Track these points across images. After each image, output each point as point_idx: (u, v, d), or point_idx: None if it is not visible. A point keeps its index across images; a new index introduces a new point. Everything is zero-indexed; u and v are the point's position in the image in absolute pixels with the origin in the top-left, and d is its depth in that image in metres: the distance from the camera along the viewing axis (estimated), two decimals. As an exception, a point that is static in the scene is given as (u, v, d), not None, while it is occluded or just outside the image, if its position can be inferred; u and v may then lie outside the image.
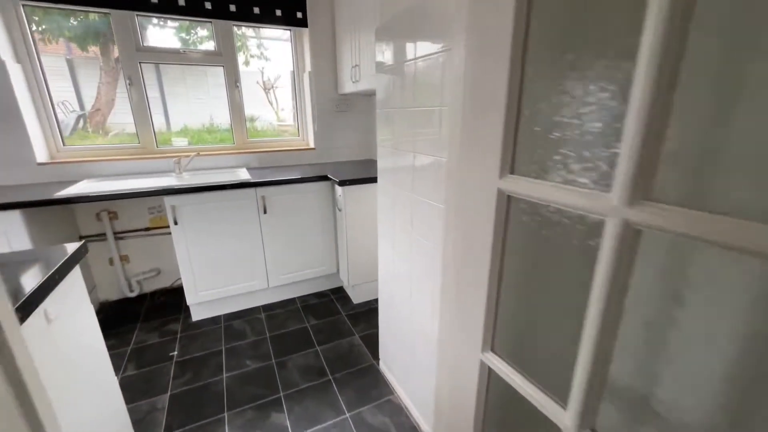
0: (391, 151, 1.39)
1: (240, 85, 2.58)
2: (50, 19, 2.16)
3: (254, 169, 2.53)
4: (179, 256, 2.04)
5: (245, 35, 2.76)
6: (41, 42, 2.13)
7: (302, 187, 2.26)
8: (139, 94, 2.32)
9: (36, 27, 2.11)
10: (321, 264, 2.47)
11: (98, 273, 2.39)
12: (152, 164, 2.34)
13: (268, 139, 2.81)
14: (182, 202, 1.97)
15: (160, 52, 2.33)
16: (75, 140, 2.35)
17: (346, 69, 2.49)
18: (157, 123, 2.45)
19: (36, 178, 2.07)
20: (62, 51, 2.29)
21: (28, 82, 2.06)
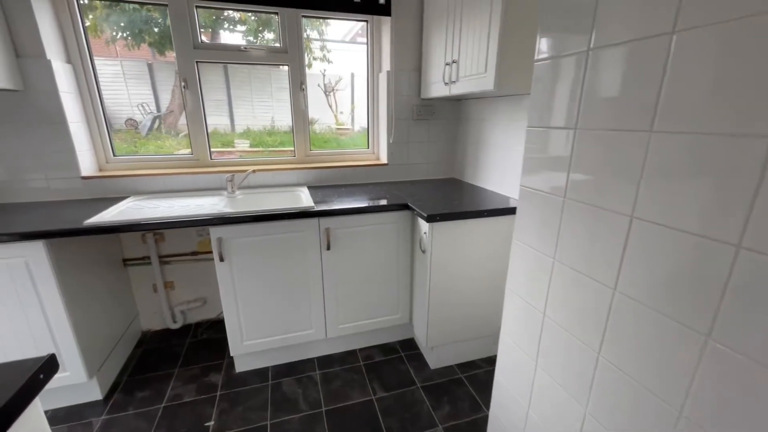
0: (554, 201, 0.82)
1: (305, 88, 2.17)
2: (132, 25, 1.93)
3: (316, 188, 2.09)
4: (224, 299, 1.65)
5: (309, 38, 2.37)
6: (125, 47, 1.97)
7: (375, 217, 1.76)
8: (195, 99, 2.00)
9: (122, 33, 1.96)
10: (391, 312, 1.96)
11: (141, 300, 2.11)
12: (204, 179, 2.00)
13: (333, 151, 2.37)
14: (230, 234, 1.57)
15: (219, 50, 1.99)
16: (150, 140, 2.16)
17: (435, 67, 1.95)
18: (222, 124, 2.19)
19: (79, 193, 1.82)
20: (146, 56, 2.06)
21: (78, 86, 1.81)
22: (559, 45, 0.81)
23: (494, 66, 1.46)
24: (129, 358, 1.94)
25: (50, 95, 1.65)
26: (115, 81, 2.03)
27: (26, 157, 1.71)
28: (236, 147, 2.32)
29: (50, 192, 1.78)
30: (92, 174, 1.83)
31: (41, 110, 1.66)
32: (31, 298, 1.39)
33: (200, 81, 2.01)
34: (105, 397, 1.67)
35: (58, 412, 1.59)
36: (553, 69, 0.83)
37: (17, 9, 1.55)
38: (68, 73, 1.75)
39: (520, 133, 1.78)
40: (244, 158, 2.21)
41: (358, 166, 2.26)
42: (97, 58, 1.88)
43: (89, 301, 1.62)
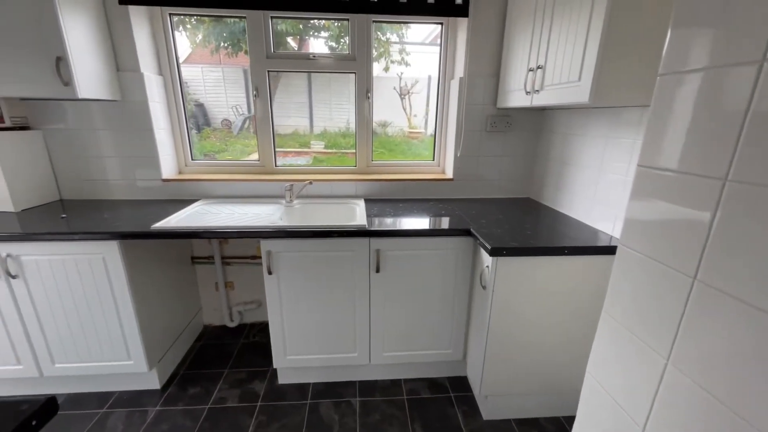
0: (676, 280, 0.57)
1: (371, 97, 2.07)
2: (233, 35, 2.08)
3: (374, 202, 1.98)
4: (270, 312, 1.63)
5: (389, 41, 2.26)
6: (226, 56, 2.12)
7: (432, 242, 1.58)
8: (264, 107, 2.04)
9: (223, 42, 2.10)
10: (442, 346, 1.76)
11: (204, 296, 2.23)
12: (266, 187, 2.03)
13: (395, 162, 2.24)
14: (280, 247, 1.54)
15: (290, 59, 2.00)
16: (239, 139, 2.30)
17: (516, 74, 1.70)
18: (302, 126, 2.26)
19: (159, 193, 1.98)
20: (243, 62, 2.20)
21: (166, 96, 1.96)
22: (709, 51, 0.55)
23: (591, 74, 1.18)
24: (189, 351, 2.06)
25: (141, 105, 1.81)
26: (217, 86, 2.26)
27: (120, 160, 1.90)
28: (312, 147, 2.36)
29: (137, 191, 1.96)
30: (171, 177, 1.98)
31: (133, 118, 1.83)
32: (105, 289, 1.52)
33: (271, 89, 2.05)
34: (162, 387, 1.78)
35: (122, 395, 1.73)
36: (692, 85, 0.57)
37: (121, 29, 1.72)
38: (159, 84, 1.90)
39: (618, 153, 1.44)
40: (309, 166, 2.20)
41: (420, 180, 2.10)
42: (202, 66, 2.05)
43: (156, 295, 1.74)
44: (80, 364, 1.62)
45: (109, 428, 1.55)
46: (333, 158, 2.42)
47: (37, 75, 1.47)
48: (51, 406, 0.57)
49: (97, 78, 1.63)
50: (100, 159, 1.89)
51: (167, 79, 1.95)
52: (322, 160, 2.44)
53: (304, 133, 2.37)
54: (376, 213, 1.79)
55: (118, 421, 1.59)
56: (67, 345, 1.59)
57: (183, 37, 2.05)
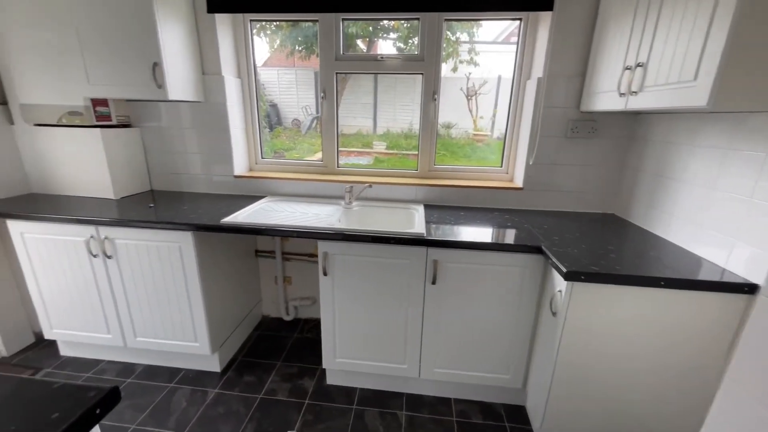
0: None
1: (438, 98, 1.99)
2: (308, 39, 2.19)
3: (434, 208, 1.89)
4: (323, 313, 1.64)
5: (458, 41, 2.16)
6: (300, 59, 2.23)
7: (495, 257, 1.45)
8: (330, 109, 2.07)
9: (297, 46, 2.21)
10: (500, 370, 1.61)
11: (265, 287, 2.34)
12: (328, 187, 2.06)
13: (459, 167, 2.12)
14: (336, 249, 1.53)
15: (358, 60, 2.00)
16: (306, 139, 2.41)
17: (608, 72, 1.49)
18: (365, 126, 2.30)
19: (231, 188, 2.11)
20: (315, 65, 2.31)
21: (243, 98, 2.09)
22: None
23: (713, 72, 0.97)
24: (247, 339, 2.17)
25: (220, 106, 1.94)
26: (290, 87, 2.41)
27: (200, 156, 2.06)
28: (374, 148, 2.36)
29: (212, 185, 2.11)
30: (242, 174, 2.10)
31: (213, 118, 1.97)
32: (180, 276, 1.65)
33: (337, 91, 2.07)
34: (222, 370, 1.89)
35: (188, 373, 1.87)
36: None
37: (207, 36, 1.86)
38: (237, 87, 2.03)
39: (740, 168, 1.17)
40: (370, 168, 2.19)
41: (485, 188, 1.96)
42: (278, 69, 2.17)
43: (222, 284, 1.85)
44: (156, 340, 1.79)
45: (174, 402, 1.69)
46: (393, 159, 2.39)
47: (137, 79, 1.64)
48: (114, 396, 0.60)
49: (185, 81, 1.78)
50: (184, 155, 2.07)
51: (244, 81, 2.07)
52: (383, 161, 2.42)
53: (367, 134, 2.39)
54: (436, 220, 1.70)
55: (183, 397, 1.72)
56: (147, 322, 1.76)
57: (263, 43, 2.17)
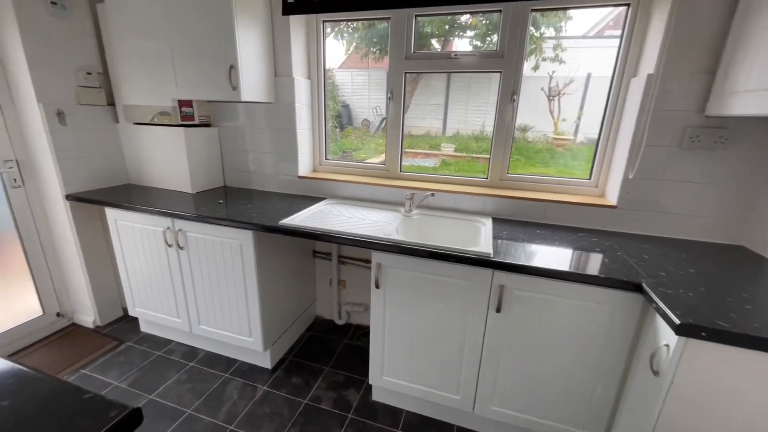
0: None
1: (517, 99, 1.76)
2: (382, 40, 2.16)
3: (504, 223, 1.68)
4: (373, 327, 1.54)
5: (542, 36, 1.91)
6: (374, 60, 2.22)
7: (577, 290, 1.20)
8: (396, 110, 1.97)
9: (372, 48, 2.20)
10: (574, 422, 1.35)
11: (320, 288, 2.34)
12: (388, 193, 1.96)
13: (537, 177, 1.87)
14: (391, 262, 1.42)
15: (429, 59, 1.87)
16: (374, 139, 2.38)
17: (756, 64, 1.14)
18: (435, 127, 2.19)
19: (295, 188, 2.13)
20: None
21: (311, 98, 2.09)
22: None
23: None
24: (299, 338, 2.18)
25: (289, 107, 1.97)
26: (362, 88, 2.43)
27: (268, 155, 2.12)
28: (442, 150, 2.23)
29: (278, 184, 2.16)
30: (306, 174, 2.11)
31: (282, 118, 2.01)
32: (239, 272, 1.70)
33: (405, 92, 1.97)
34: (272, 368, 1.92)
35: (242, 365, 1.93)
36: None
37: (281, 38, 1.89)
38: (306, 88, 2.04)
39: None
40: (434, 174, 2.05)
41: (568, 203, 1.68)
42: (352, 70, 2.16)
43: (278, 283, 1.87)
44: (216, 330, 1.87)
45: (227, 393, 1.74)
46: (462, 162, 2.21)
47: (216, 81, 1.72)
48: (136, 417, 0.56)
49: (258, 83, 1.83)
50: (254, 153, 2.14)
51: (314, 83, 2.07)
52: (450, 164, 2.26)
53: (436, 135, 2.26)
54: (506, 238, 1.49)
55: (234, 389, 1.76)
56: (209, 312, 1.85)
57: (339, 45, 2.17)
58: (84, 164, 1.97)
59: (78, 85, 1.90)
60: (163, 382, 1.79)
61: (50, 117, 1.79)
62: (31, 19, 1.67)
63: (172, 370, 1.87)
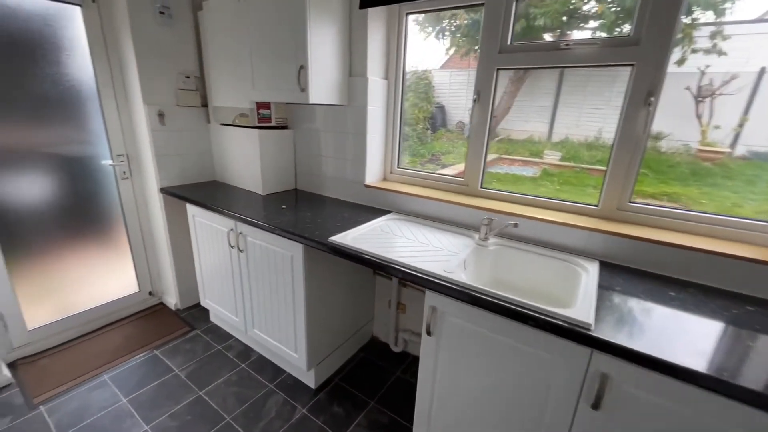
0: None
1: (654, 102, 1.27)
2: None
3: (618, 273, 1.22)
4: (421, 377, 1.27)
5: (693, 23, 1.36)
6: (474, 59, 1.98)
7: (735, 411, 0.73)
8: (483, 115, 1.65)
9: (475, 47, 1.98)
10: None
11: (378, 308, 2.14)
12: (463, 213, 1.65)
13: (678, 211, 1.33)
14: (448, 307, 1.13)
15: (530, 51, 1.49)
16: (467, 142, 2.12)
17: None
18: (538, 132, 1.85)
19: (360, 197, 1.97)
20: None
21: (386, 100, 1.90)
22: None
23: None
24: (350, 359, 2.02)
25: (360, 110, 1.81)
26: (460, 89, 2.22)
27: (337, 161, 2.00)
28: (544, 158, 1.88)
29: (343, 192, 2.03)
30: (372, 183, 1.93)
31: (354, 122, 1.86)
32: (288, 284, 1.60)
33: (495, 92, 1.62)
34: (316, 389, 1.79)
35: (288, 378, 1.85)
36: None
37: (358, 35, 1.73)
38: (382, 89, 1.85)
39: None
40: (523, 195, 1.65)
41: (729, 256, 1.13)
42: (451, 70, 1.94)
43: (329, 300, 1.72)
44: (266, 338, 1.83)
45: (266, 407, 1.67)
46: (568, 173, 1.77)
47: (286, 82, 1.65)
48: None
49: (330, 84, 1.70)
50: (325, 158, 2.05)
51: (391, 83, 1.87)
52: (553, 174, 1.83)
53: (539, 140, 1.90)
54: (619, 298, 1.05)
55: (274, 405, 1.68)
56: (261, 318, 1.81)
57: (441, 45, 1.95)
58: (178, 161, 2.13)
59: (178, 88, 2.06)
60: (215, 380, 1.81)
61: (152, 117, 1.97)
62: (142, 28, 1.85)
63: (225, 368, 1.90)
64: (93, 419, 1.55)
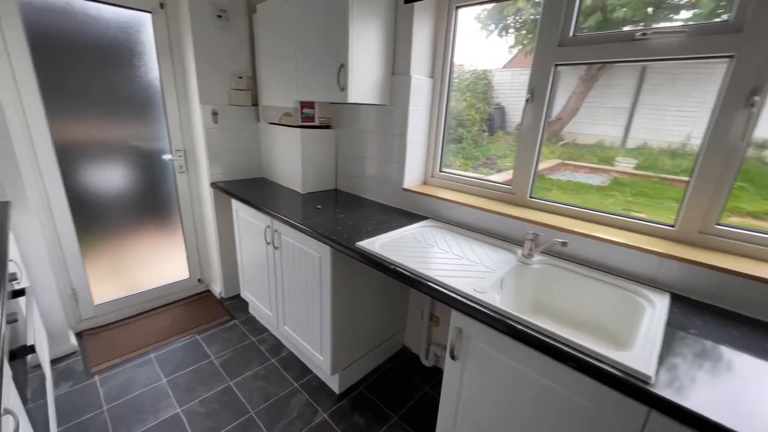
0: None
1: (760, 102, 1.02)
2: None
3: (694, 311, 1.00)
4: (442, 403, 1.16)
5: None
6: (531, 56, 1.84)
7: None
8: (536, 116, 1.48)
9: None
10: None
11: (411, 317, 2.04)
12: (507, 224, 1.49)
13: None
14: (475, 331, 1.01)
15: (597, 44, 1.29)
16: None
17: None
18: (610, 136, 1.61)
19: (397, 201, 1.89)
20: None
21: (431, 100, 1.80)
22: None
23: None
24: (378, 367, 1.95)
25: (402, 110, 1.73)
26: (521, 89, 2.03)
27: (376, 162, 1.94)
28: (616, 165, 1.63)
29: (381, 194, 1.97)
30: (411, 187, 1.84)
31: (394, 123, 1.78)
32: (316, 287, 1.58)
33: (553, 91, 1.45)
34: (340, 394, 1.75)
35: (313, 379, 1.83)
36: None
37: (403, 32, 1.65)
38: (426, 88, 1.75)
39: None
40: (578, 208, 1.45)
41: None
42: (513, 69, 1.82)
43: (358, 306, 1.67)
44: (295, 335, 1.83)
45: (289, 406, 1.66)
46: (644, 183, 1.52)
47: (326, 81, 1.63)
48: None
49: (371, 83, 1.65)
50: (364, 159, 2.01)
51: (437, 82, 1.77)
52: (626, 184, 1.58)
53: (611, 146, 1.66)
54: (692, 345, 0.85)
55: (297, 405, 1.67)
56: (292, 316, 1.82)
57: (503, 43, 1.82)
58: (228, 157, 2.24)
59: (231, 88, 2.15)
60: (245, 371, 1.86)
61: (207, 116, 2.08)
62: (201, 32, 1.96)
63: (256, 360, 1.94)
64: (136, 395, 1.67)
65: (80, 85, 1.83)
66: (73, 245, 1.95)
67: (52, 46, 1.71)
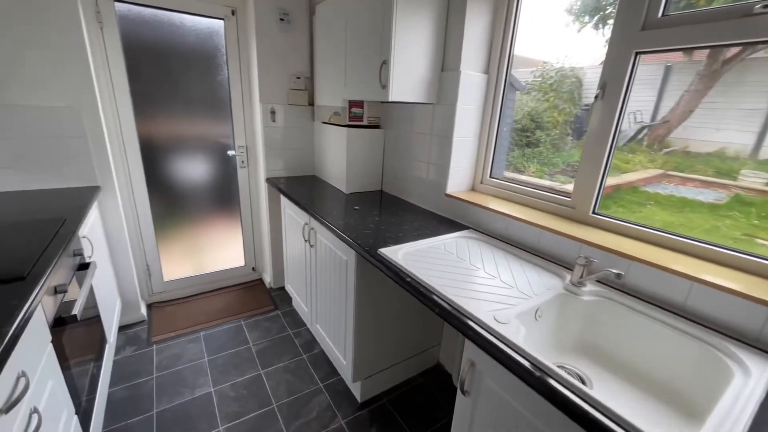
0: None
1: None
2: None
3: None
4: (450, 442, 1.01)
5: None
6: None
7: None
8: (609, 115, 1.23)
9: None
10: None
11: (447, 333, 1.89)
12: (558, 244, 1.27)
13: None
14: (489, 366, 0.85)
15: (694, 24, 1.01)
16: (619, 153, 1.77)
17: None
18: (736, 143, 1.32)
19: (439, 207, 1.76)
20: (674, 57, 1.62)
21: (485, 98, 1.63)
22: None
23: None
24: (406, 381, 1.84)
25: (448, 108, 1.59)
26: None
27: (420, 164, 1.83)
28: (739, 180, 1.30)
29: (423, 199, 1.85)
30: (454, 193, 1.68)
31: (440, 123, 1.66)
32: (343, 290, 1.54)
33: (630, 86, 1.19)
34: (361, 404, 1.69)
35: (338, 383, 1.80)
36: None
37: (454, 24, 1.52)
38: (479, 86, 1.59)
39: None
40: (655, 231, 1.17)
41: None
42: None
43: (385, 314, 1.59)
44: (324, 335, 1.82)
45: (310, 406, 1.65)
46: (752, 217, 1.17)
47: (369, 79, 1.58)
48: None
49: (414, 80, 1.55)
50: (409, 161, 1.91)
51: (492, 78, 1.59)
52: (751, 203, 1.22)
53: (736, 156, 1.33)
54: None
55: (317, 405, 1.66)
56: (322, 317, 1.81)
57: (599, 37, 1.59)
58: (283, 155, 2.34)
59: (290, 88, 2.24)
60: (276, 362, 1.91)
61: (266, 114, 2.20)
62: (265, 34, 2.07)
63: (288, 353, 1.98)
64: (180, 368, 1.83)
65: (162, 87, 2.07)
66: (149, 227, 2.23)
67: (141, 53, 1.97)
